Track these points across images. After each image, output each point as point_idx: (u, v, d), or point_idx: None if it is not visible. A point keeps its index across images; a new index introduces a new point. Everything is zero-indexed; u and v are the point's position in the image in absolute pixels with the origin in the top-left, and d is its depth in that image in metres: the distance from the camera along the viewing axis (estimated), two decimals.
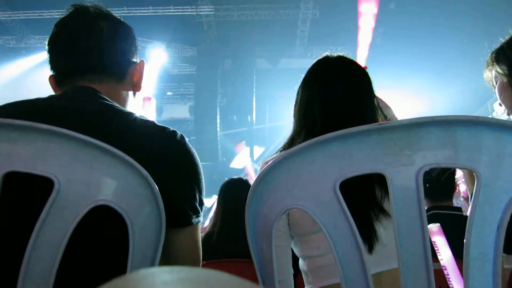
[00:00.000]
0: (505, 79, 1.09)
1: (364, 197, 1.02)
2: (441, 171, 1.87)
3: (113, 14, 1.03)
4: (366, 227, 1.00)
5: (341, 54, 1.20)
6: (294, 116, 1.18)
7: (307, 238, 1.06)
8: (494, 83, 1.15)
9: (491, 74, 1.16)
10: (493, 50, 1.16)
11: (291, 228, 1.08)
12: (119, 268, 0.73)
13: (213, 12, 7.84)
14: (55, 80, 0.98)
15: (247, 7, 7.83)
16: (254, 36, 8.41)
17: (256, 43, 8.73)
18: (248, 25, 8.05)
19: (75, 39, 0.95)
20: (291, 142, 1.13)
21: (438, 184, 1.90)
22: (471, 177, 1.04)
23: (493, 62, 1.14)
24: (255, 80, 9.37)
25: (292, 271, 1.08)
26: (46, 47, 0.98)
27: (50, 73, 0.99)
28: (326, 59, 1.19)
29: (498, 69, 1.12)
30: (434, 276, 0.66)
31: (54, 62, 0.98)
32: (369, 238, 1.00)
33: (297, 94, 1.19)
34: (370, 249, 1.00)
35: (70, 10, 0.98)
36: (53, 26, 0.98)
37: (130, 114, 0.91)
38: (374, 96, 1.14)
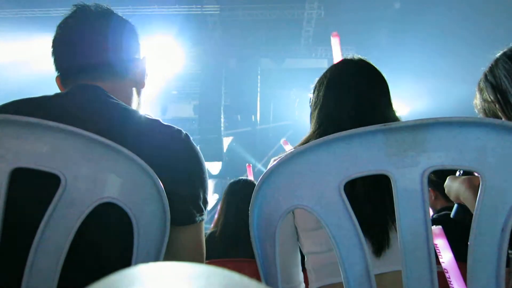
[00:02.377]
0: (492, 106, 1.10)
1: (382, 202, 1.01)
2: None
3: (114, 11, 1.03)
4: (380, 233, 1.00)
5: (361, 57, 1.20)
6: (310, 118, 1.18)
7: (312, 233, 1.06)
8: (479, 112, 1.17)
9: (478, 102, 1.16)
10: (479, 80, 1.16)
11: (296, 224, 1.09)
12: (124, 265, 0.73)
13: (218, 12, 7.84)
14: (60, 80, 0.99)
15: (252, 6, 7.82)
16: (259, 35, 8.40)
17: (261, 42, 8.71)
18: (253, 25, 8.05)
19: (77, 38, 0.97)
20: (306, 142, 1.13)
21: None
22: (469, 184, 1.04)
23: (480, 91, 1.15)
24: (260, 79, 9.36)
25: (298, 263, 1.09)
26: (51, 49, 0.99)
27: (56, 74, 1.00)
28: (346, 62, 1.19)
29: (486, 98, 1.12)
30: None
31: (58, 62, 0.99)
32: (381, 243, 1.00)
33: (314, 96, 1.18)
34: (379, 254, 1.00)
35: (72, 10, 0.99)
36: (56, 28, 0.99)
37: (134, 112, 0.91)
38: (391, 100, 1.15)
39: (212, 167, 9.30)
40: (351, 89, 1.12)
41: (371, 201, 0.99)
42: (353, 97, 1.11)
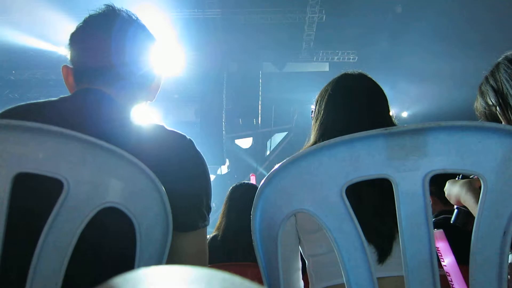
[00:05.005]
0: (493, 109, 1.10)
1: (389, 214, 1.02)
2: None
3: (142, 22, 1.02)
4: (386, 244, 1.00)
5: (361, 71, 1.24)
6: (312, 128, 1.21)
7: (313, 236, 1.07)
8: (480, 115, 1.17)
9: (479, 106, 1.17)
10: (480, 83, 1.17)
11: (297, 227, 1.10)
12: (126, 269, 0.73)
13: (220, 16, 7.86)
14: (73, 75, 0.97)
15: (253, 11, 7.84)
16: (261, 39, 8.40)
17: (262, 46, 8.72)
18: (255, 29, 8.06)
19: (99, 41, 0.95)
20: None
21: None
22: (469, 187, 1.04)
23: (481, 94, 1.15)
24: (261, 83, 9.38)
25: (298, 268, 1.10)
26: (69, 39, 0.97)
27: (65, 63, 0.98)
28: (346, 76, 1.23)
29: (488, 101, 1.12)
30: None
31: (76, 57, 0.97)
32: (385, 252, 1.00)
33: (316, 108, 1.22)
34: (382, 261, 1.00)
35: (103, 9, 0.98)
36: (82, 21, 0.97)
37: (138, 118, 0.92)
38: (390, 113, 1.18)
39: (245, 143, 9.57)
40: (352, 103, 1.16)
41: (378, 212, 1.00)
42: (354, 110, 1.15)
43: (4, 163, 0.68)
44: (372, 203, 1.01)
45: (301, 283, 1.13)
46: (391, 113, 1.19)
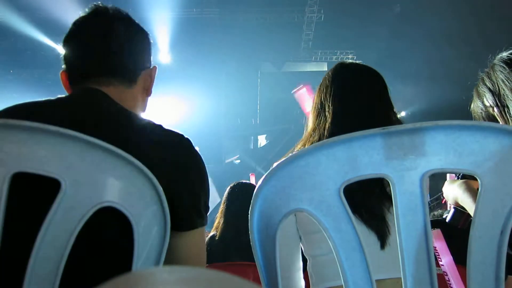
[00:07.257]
0: (491, 110, 1.11)
1: (374, 192, 1.03)
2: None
3: (131, 17, 1.03)
4: (378, 219, 1.01)
5: (361, 63, 1.25)
6: (310, 119, 1.21)
7: (313, 236, 1.07)
8: (479, 117, 1.17)
9: (476, 108, 1.18)
10: (476, 85, 1.18)
11: (298, 226, 1.10)
12: (124, 269, 0.73)
13: (218, 16, 7.85)
14: (68, 78, 0.99)
15: (252, 10, 7.84)
16: (259, 39, 8.41)
17: (261, 46, 8.73)
18: (253, 29, 8.06)
19: (92, 40, 0.96)
20: (304, 144, 1.15)
21: None
22: (466, 187, 1.04)
23: (478, 96, 1.16)
24: (260, 83, 9.38)
25: (299, 267, 1.10)
26: (62, 44, 0.98)
27: (63, 68, 0.99)
28: (342, 64, 1.24)
29: (485, 102, 1.13)
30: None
31: (69, 60, 0.98)
32: (382, 230, 1.01)
33: (315, 99, 1.21)
34: (383, 244, 1.01)
35: (90, 10, 0.99)
36: (71, 24, 0.98)
37: (136, 116, 0.91)
38: (388, 96, 1.17)
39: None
40: (352, 90, 1.16)
41: (360, 188, 1.01)
42: (353, 98, 1.14)
43: (2, 162, 0.68)
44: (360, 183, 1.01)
45: (303, 282, 1.13)
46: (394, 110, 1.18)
